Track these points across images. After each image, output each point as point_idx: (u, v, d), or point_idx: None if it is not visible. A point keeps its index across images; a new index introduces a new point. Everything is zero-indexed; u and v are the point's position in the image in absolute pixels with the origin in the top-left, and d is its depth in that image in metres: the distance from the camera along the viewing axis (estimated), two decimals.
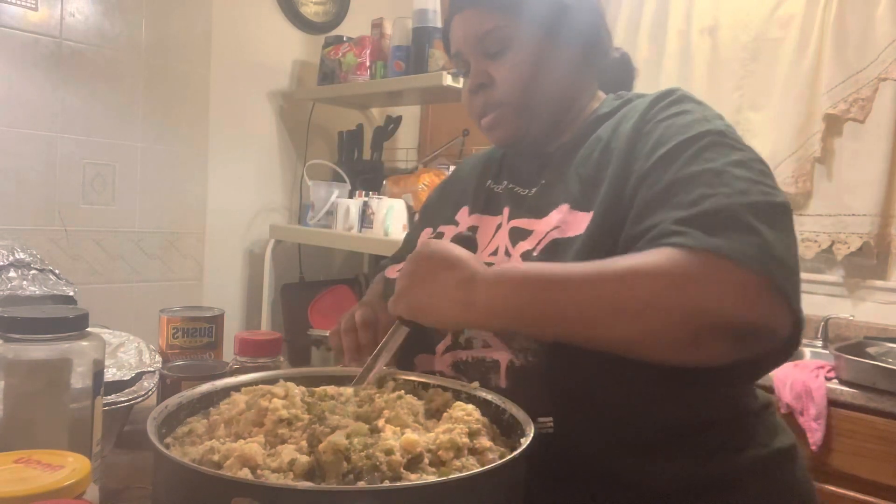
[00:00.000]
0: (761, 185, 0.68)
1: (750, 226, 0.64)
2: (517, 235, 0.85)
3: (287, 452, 0.53)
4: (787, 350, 0.67)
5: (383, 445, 0.54)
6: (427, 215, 1.08)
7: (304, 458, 0.52)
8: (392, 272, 1.01)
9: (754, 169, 0.70)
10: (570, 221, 0.79)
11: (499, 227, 0.89)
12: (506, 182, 0.94)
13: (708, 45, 2.25)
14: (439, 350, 0.85)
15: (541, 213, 0.83)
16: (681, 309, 0.61)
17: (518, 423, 0.62)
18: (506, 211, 0.89)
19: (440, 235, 0.96)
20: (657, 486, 0.74)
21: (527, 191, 0.89)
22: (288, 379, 0.71)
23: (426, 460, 0.55)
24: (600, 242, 0.74)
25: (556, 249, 0.78)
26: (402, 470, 0.53)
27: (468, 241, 0.80)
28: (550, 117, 0.89)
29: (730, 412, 0.79)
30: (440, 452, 0.56)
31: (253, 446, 0.53)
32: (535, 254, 0.80)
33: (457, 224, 0.96)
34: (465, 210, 0.97)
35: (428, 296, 0.71)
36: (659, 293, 0.62)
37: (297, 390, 0.65)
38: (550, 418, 0.72)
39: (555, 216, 0.81)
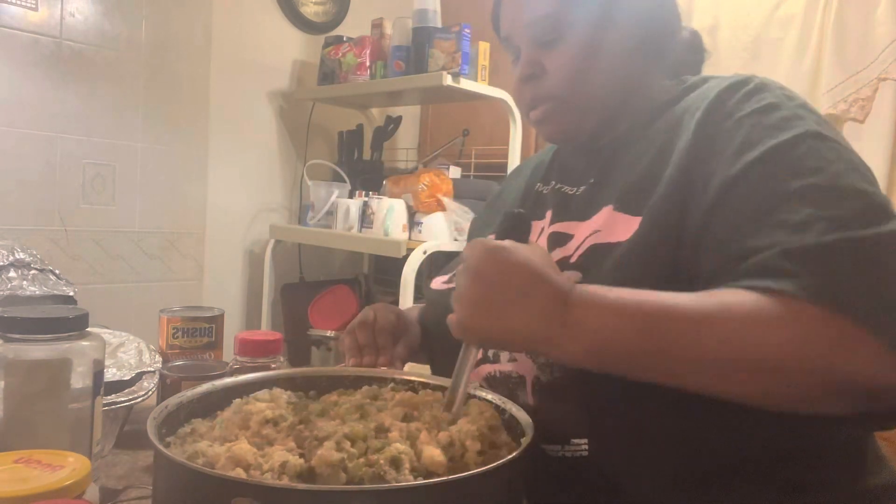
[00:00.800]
0: (875, 196, 0.59)
1: (869, 265, 0.55)
2: (555, 241, 0.76)
3: (278, 455, 0.52)
4: None
5: (389, 453, 0.52)
6: (475, 229, 1.01)
7: (294, 460, 0.52)
8: (438, 283, 0.91)
9: (861, 172, 0.61)
10: (612, 225, 0.69)
11: (541, 232, 0.80)
12: (554, 182, 0.85)
13: (708, 44, 2.25)
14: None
15: (585, 215, 0.74)
16: (806, 369, 0.53)
17: (518, 423, 0.62)
18: (548, 214, 0.81)
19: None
20: None
21: (574, 189, 0.80)
22: (288, 379, 0.71)
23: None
24: (647, 252, 0.65)
25: (594, 257, 0.69)
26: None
27: (520, 220, 0.67)
28: (606, 111, 0.79)
29: (814, 442, 0.66)
30: (467, 442, 0.56)
31: (244, 446, 0.53)
32: (572, 261, 0.71)
33: None
34: None
35: (504, 324, 0.58)
36: (783, 348, 0.53)
37: (284, 395, 0.66)
38: (585, 440, 0.66)
39: (597, 219, 0.72)
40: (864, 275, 0.54)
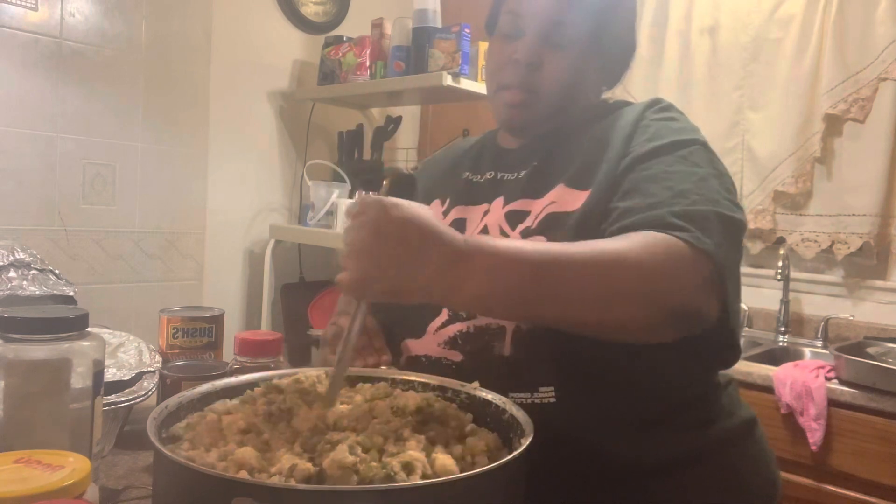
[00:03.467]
0: (729, 200, 0.77)
1: (718, 231, 0.72)
2: (515, 218, 0.86)
3: (287, 458, 0.52)
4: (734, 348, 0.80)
5: (403, 458, 0.52)
6: None
7: (303, 464, 0.52)
8: None
9: (726, 185, 0.79)
10: (566, 198, 0.82)
11: (485, 213, 0.90)
12: (491, 172, 0.94)
13: (708, 45, 2.25)
14: (431, 328, 0.85)
15: (537, 193, 0.86)
16: (656, 298, 0.67)
17: (518, 423, 0.62)
18: (499, 200, 0.90)
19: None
20: (643, 463, 0.78)
21: (515, 174, 0.91)
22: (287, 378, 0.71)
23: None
24: (595, 216, 0.78)
25: (554, 223, 0.80)
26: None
27: (407, 180, 0.72)
28: (562, 111, 0.91)
29: (705, 387, 0.86)
30: (477, 458, 0.58)
31: (247, 450, 0.53)
32: (532, 226, 0.82)
33: None
34: (436, 203, 0.97)
35: (402, 277, 0.61)
36: (643, 282, 0.66)
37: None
38: (552, 388, 0.76)
39: (551, 194, 0.84)
40: (711, 234, 0.70)
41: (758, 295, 2.18)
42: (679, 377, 0.82)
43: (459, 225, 0.92)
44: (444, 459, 0.54)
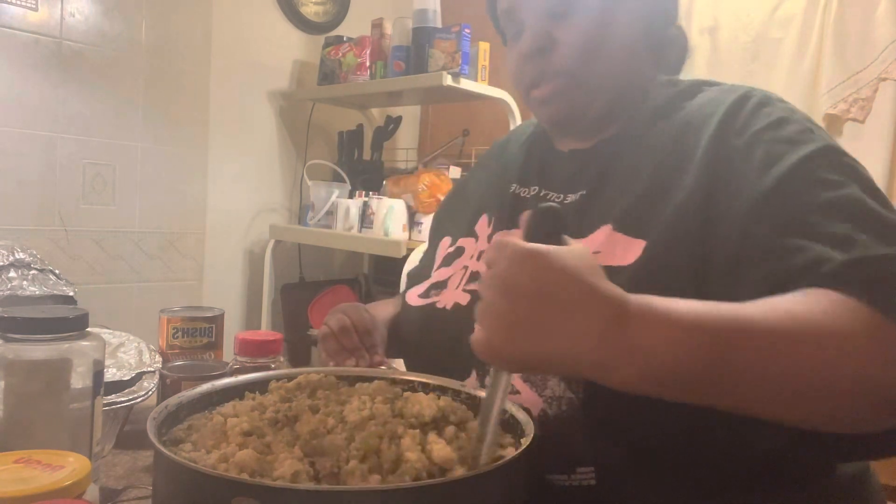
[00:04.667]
0: (893, 213, 0.59)
1: None
2: None
3: (289, 464, 0.52)
4: None
5: (405, 471, 0.52)
6: (442, 224, 0.95)
7: (305, 469, 0.52)
8: (413, 297, 0.86)
9: (881, 197, 0.60)
10: (613, 247, 0.65)
11: None
12: (537, 187, 0.81)
13: (708, 45, 2.25)
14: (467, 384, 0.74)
15: (580, 232, 0.69)
16: (871, 389, 0.50)
17: (518, 423, 0.62)
18: None
19: (460, 251, 0.83)
20: None
21: (561, 198, 0.76)
22: (287, 378, 0.70)
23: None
24: (659, 278, 0.61)
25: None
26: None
27: (554, 216, 0.54)
28: (610, 96, 0.76)
29: (819, 472, 0.68)
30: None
31: (248, 452, 0.53)
32: None
33: (476, 237, 0.84)
34: (484, 219, 0.85)
35: (546, 347, 0.48)
36: (864, 367, 0.49)
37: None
38: (591, 468, 0.65)
39: (594, 238, 0.67)
40: None
41: None
42: (767, 433, 0.61)
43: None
44: (440, 450, 0.53)
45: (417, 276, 0.93)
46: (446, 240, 0.89)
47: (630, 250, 0.64)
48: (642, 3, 0.76)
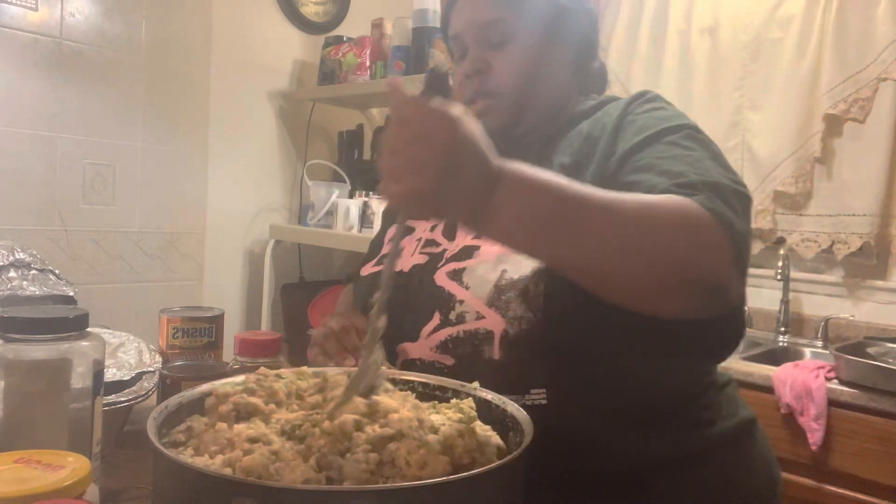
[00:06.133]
0: (732, 177, 0.73)
1: (731, 203, 0.68)
2: None
3: (301, 471, 0.52)
4: (736, 334, 0.73)
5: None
6: (389, 214, 1.09)
7: (318, 477, 0.51)
8: (368, 269, 0.99)
9: (724, 164, 0.76)
10: None
11: None
12: None
13: (708, 45, 2.25)
14: (425, 332, 0.85)
15: None
16: (685, 257, 0.63)
17: (518, 423, 0.62)
18: None
19: (410, 230, 0.94)
20: (639, 463, 0.79)
21: None
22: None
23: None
24: None
25: None
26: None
27: (444, 79, 0.62)
28: (539, 113, 0.91)
29: (702, 387, 0.86)
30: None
31: (256, 457, 0.53)
32: None
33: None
34: None
35: (441, 192, 0.55)
36: (667, 241, 0.63)
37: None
38: (543, 390, 0.77)
39: None
40: (727, 205, 0.67)
41: (758, 295, 2.18)
42: (675, 372, 0.83)
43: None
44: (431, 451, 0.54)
45: (368, 257, 1.05)
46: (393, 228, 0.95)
47: None
48: (570, 37, 0.92)
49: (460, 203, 0.58)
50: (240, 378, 0.68)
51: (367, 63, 2.35)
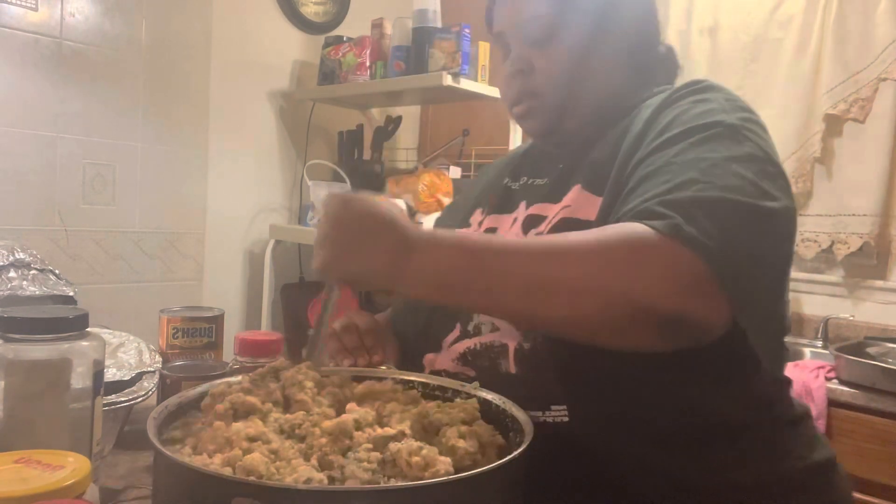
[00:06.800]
0: (757, 186, 0.64)
1: (721, 219, 0.61)
2: (530, 223, 0.82)
3: (302, 470, 0.52)
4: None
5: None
6: (442, 221, 1.07)
7: (319, 476, 0.51)
8: None
9: (756, 167, 0.66)
10: (581, 203, 0.75)
11: (514, 221, 0.85)
12: (525, 178, 0.90)
13: (708, 45, 2.25)
14: (446, 343, 0.83)
15: (556, 197, 0.79)
16: (607, 293, 0.61)
17: (518, 423, 0.62)
18: (522, 204, 0.86)
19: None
20: (685, 481, 0.71)
21: (545, 180, 0.86)
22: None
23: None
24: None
25: (566, 229, 0.73)
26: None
27: (371, 175, 0.74)
28: (588, 115, 0.84)
29: (762, 418, 0.76)
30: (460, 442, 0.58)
31: (256, 456, 0.53)
32: (544, 233, 0.77)
33: (469, 226, 0.94)
34: (478, 212, 0.94)
35: (359, 263, 0.64)
36: (591, 274, 0.61)
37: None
38: (564, 407, 0.72)
39: (567, 198, 0.77)
40: (711, 224, 0.60)
41: None
42: (708, 395, 0.72)
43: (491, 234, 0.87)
44: (428, 452, 0.54)
45: None
46: None
47: (593, 207, 0.74)
48: (621, 32, 0.84)
49: (376, 269, 0.64)
50: (238, 378, 0.68)
51: (367, 63, 2.35)
